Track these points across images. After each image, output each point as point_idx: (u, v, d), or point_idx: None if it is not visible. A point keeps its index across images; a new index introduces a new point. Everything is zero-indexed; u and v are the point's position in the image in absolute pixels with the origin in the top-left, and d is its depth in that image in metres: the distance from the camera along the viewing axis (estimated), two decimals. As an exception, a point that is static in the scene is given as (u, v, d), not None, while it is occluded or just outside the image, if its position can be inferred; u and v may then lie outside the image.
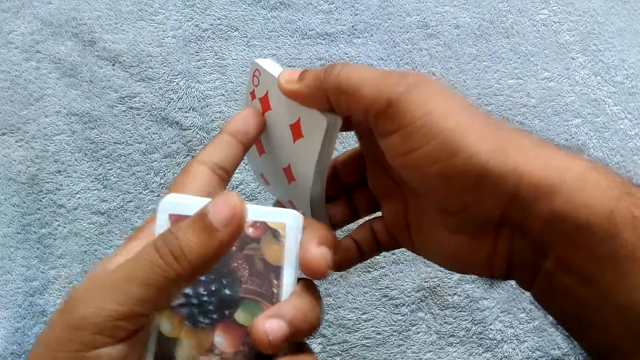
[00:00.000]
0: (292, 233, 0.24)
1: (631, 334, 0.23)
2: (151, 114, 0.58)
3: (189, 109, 0.58)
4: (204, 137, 0.57)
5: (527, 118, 0.61)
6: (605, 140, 0.61)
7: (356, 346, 0.52)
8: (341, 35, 0.62)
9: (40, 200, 0.54)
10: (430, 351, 0.52)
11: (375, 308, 0.53)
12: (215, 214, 0.21)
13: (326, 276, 0.25)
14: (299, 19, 0.62)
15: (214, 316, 0.23)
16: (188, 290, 0.23)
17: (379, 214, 0.35)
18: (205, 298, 0.23)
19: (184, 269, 0.21)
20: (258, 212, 0.24)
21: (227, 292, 0.23)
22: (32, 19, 0.60)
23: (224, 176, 0.29)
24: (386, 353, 0.52)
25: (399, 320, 0.53)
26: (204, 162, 0.29)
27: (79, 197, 0.55)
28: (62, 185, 0.55)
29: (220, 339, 0.23)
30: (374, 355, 0.52)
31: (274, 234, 0.24)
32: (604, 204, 0.23)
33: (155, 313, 0.23)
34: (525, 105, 0.61)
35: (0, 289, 0.52)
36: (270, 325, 0.23)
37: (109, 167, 0.56)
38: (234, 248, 0.23)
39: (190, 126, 0.58)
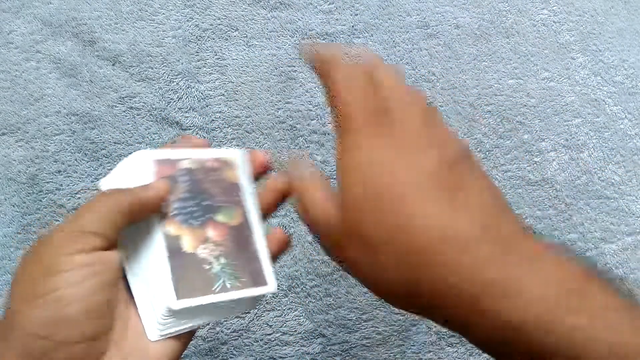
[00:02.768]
0: (240, 160, 0.34)
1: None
2: (151, 114, 0.58)
3: (189, 109, 0.58)
4: (204, 137, 0.57)
5: (527, 118, 0.61)
6: (605, 140, 0.61)
7: (356, 346, 0.52)
8: (341, 35, 0.62)
9: (40, 200, 0.54)
10: (430, 351, 0.52)
11: (375, 308, 0.53)
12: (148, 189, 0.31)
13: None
14: (299, 19, 0.62)
15: (202, 219, 0.32)
16: (179, 204, 0.31)
17: None
18: (191, 208, 0.32)
19: (131, 197, 0.29)
20: (213, 152, 0.34)
21: (207, 202, 0.32)
22: (32, 19, 0.60)
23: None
24: (386, 353, 0.52)
25: (399, 320, 0.53)
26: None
27: (79, 197, 0.55)
28: (62, 185, 0.55)
29: (211, 232, 0.32)
30: (374, 355, 0.52)
31: (227, 164, 0.34)
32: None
33: (160, 223, 0.30)
34: (525, 105, 0.61)
35: (0, 289, 0.52)
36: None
37: (109, 167, 0.56)
38: (201, 176, 0.33)
39: (190, 126, 0.58)
